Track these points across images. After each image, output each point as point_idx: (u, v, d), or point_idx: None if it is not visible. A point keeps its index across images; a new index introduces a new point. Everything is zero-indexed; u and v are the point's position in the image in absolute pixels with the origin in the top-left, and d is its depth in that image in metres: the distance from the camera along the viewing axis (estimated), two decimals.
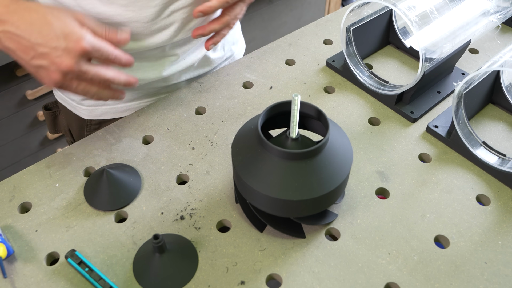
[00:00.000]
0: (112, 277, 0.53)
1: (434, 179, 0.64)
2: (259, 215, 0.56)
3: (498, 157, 0.65)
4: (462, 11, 0.71)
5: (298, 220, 0.56)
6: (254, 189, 0.52)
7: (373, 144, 0.68)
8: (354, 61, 0.78)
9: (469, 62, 0.84)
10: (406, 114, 0.72)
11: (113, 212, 0.60)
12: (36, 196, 0.62)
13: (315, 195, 0.51)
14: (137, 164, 0.65)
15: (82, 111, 0.81)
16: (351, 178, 0.64)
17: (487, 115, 0.73)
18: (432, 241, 0.57)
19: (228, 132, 0.70)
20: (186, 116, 0.73)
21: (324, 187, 0.51)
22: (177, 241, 0.56)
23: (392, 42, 0.86)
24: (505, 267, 0.55)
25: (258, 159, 0.52)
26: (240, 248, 0.56)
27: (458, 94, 0.65)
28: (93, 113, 0.81)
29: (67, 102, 0.83)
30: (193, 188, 0.63)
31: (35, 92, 1.44)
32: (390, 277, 0.54)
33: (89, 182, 0.62)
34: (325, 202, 0.54)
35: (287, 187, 0.51)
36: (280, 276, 0.54)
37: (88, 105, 0.80)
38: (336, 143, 0.54)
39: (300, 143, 0.54)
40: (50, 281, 0.53)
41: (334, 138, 0.54)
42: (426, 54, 0.67)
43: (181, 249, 0.55)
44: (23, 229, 0.58)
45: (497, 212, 0.60)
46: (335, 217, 0.59)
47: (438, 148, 0.68)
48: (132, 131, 0.70)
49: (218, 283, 0.53)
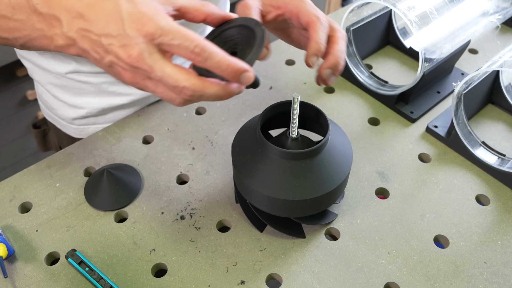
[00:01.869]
0: (113, 276, 0.54)
1: (433, 179, 0.64)
2: (259, 215, 0.57)
3: (497, 157, 0.65)
4: (461, 11, 0.71)
5: (298, 220, 0.56)
6: (254, 189, 0.52)
7: (373, 144, 0.69)
8: (354, 61, 0.78)
9: (468, 62, 0.84)
10: (405, 114, 0.72)
11: (113, 212, 0.60)
12: (37, 196, 0.62)
13: (315, 195, 0.51)
14: (137, 164, 0.66)
15: (72, 129, 0.79)
16: (351, 178, 0.64)
17: (486, 115, 0.74)
18: (431, 241, 0.57)
19: (228, 132, 0.70)
20: (186, 116, 0.73)
21: (324, 187, 0.51)
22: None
23: (392, 42, 0.86)
24: (504, 267, 0.55)
25: (258, 159, 0.52)
26: (240, 248, 0.56)
27: (458, 94, 0.65)
28: (83, 132, 0.78)
29: (56, 121, 0.81)
30: (193, 188, 0.63)
31: (36, 92, 1.44)
32: (390, 276, 0.54)
33: (89, 182, 0.62)
34: (325, 202, 0.54)
35: (287, 187, 0.51)
36: (280, 276, 0.54)
37: (79, 124, 0.77)
38: (336, 143, 0.54)
39: (300, 143, 0.54)
40: (50, 281, 0.53)
41: (334, 138, 0.54)
42: (426, 54, 0.67)
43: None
44: (23, 229, 0.58)
45: (497, 212, 0.60)
46: (335, 217, 0.59)
47: (438, 148, 0.68)
48: (132, 131, 0.70)
49: (218, 283, 0.53)
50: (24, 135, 1.52)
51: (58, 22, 0.44)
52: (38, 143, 0.91)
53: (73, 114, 0.76)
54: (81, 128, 0.78)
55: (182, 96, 0.42)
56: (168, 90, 0.43)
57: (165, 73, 0.41)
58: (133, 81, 0.43)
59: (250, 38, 0.46)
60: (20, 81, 1.40)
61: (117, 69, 0.43)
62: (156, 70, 0.41)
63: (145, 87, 0.44)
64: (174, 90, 0.42)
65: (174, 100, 0.43)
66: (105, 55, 0.43)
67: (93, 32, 0.42)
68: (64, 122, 0.79)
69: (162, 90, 0.43)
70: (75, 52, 0.45)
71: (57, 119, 0.80)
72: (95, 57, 0.44)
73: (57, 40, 0.45)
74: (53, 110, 0.79)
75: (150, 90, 0.44)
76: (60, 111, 0.77)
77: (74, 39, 0.44)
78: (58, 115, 0.79)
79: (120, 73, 0.43)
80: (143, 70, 0.41)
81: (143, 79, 0.43)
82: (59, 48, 0.45)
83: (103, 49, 0.42)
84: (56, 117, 0.80)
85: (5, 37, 0.48)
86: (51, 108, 0.79)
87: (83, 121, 0.77)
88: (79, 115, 0.75)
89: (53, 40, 0.45)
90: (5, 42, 0.49)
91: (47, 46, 0.46)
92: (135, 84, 0.44)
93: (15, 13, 0.45)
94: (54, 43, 0.45)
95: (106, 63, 0.43)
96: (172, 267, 0.54)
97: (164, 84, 0.42)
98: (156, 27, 0.40)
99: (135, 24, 0.41)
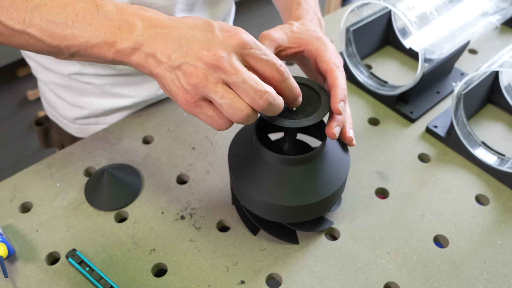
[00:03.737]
0: (113, 276, 0.54)
1: (433, 179, 0.64)
2: (253, 219, 0.56)
3: (497, 157, 0.65)
4: (461, 11, 0.71)
5: (291, 226, 0.55)
6: (247, 192, 0.51)
7: (372, 144, 0.69)
8: (354, 62, 0.78)
9: (468, 62, 0.84)
10: (405, 114, 0.73)
11: (113, 212, 0.60)
12: (37, 196, 0.62)
13: (308, 202, 0.50)
14: (138, 164, 0.66)
15: (74, 129, 0.79)
16: (351, 177, 0.64)
17: (486, 115, 0.74)
18: (431, 240, 0.57)
19: (229, 132, 0.70)
20: (187, 116, 0.73)
21: (318, 194, 0.51)
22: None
23: (392, 42, 0.86)
24: (504, 266, 0.55)
25: (253, 162, 0.52)
26: (240, 248, 0.56)
27: (457, 94, 0.65)
28: (85, 131, 0.79)
29: (58, 119, 0.81)
30: (194, 188, 0.63)
31: (36, 92, 1.44)
32: (389, 276, 0.54)
33: (89, 182, 0.62)
34: (319, 209, 0.53)
35: (280, 192, 0.50)
36: (280, 276, 0.54)
37: (80, 124, 0.78)
38: (334, 149, 0.53)
39: (297, 148, 0.54)
40: (51, 281, 0.53)
41: (332, 145, 0.54)
42: (426, 55, 0.67)
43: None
44: (24, 228, 0.58)
45: (496, 211, 0.60)
46: (330, 224, 0.58)
47: (438, 148, 0.68)
48: (132, 131, 0.71)
49: (218, 283, 0.53)
50: (24, 135, 1.52)
51: (131, 27, 0.44)
52: (40, 140, 0.91)
53: (75, 114, 0.76)
54: (83, 128, 0.79)
55: (262, 102, 0.42)
56: (244, 96, 0.42)
57: (251, 76, 0.42)
58: (200, 83, 0.41)
59: (311, 97, 0.50)
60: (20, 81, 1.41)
61: (186, 71, 0.42)
62: (242, 72, 0.41)
63: (211, 92, 0.42)
64: (256, 93, 0.42)
65: (239, 111, 0.42)
66: (181, 56, 0.42)
67: (171, 35, 0.43)
68: (66, 121, 0.79)
69: (232, 97, 0.42)
70: (133, 60, 0.44)
71: (59, 118, 0.81)
72: (161, 57, 0.43)
73: (121, 44, 0.44)
74: (55, 109, 0.79)
75: (218, 95, 0.42)
76: (62, 110, 0.78)
77: (142, 43, 0.43)
78: (60, 114, 0.79)
79: (188, 74, 0.42)
80: (224, 72, 0.41)
81: (216, 82, 0.42)
82: (118, 54, 0.44)
83: (181, 50, 0.42)
84: (58, 116, 0.81)
85: (56, 45, 0.46)
86: (54, 106, 0.79)
87: (85, 121, 0.77)
88: (81, 115, 0.75)
89: (114, 45, 0.44)
90: (52, 51, 0.48)
91: (103, 55, 0.45)
92: (201, 88, 0.42)
93: (77, 20, 0.45)
94: (116, 48, 0.44)
95: (176, 64, 0.42)
96: (172, 267, 0.55)
97: (247, 87, 0.41)
98: (251, 38, 0.43)
99: (226, 33, 0.43)
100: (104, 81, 0.70)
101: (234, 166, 0.53)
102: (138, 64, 0.44)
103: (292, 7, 0.62)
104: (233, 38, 0.42)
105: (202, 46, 0.42)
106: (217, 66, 0.41)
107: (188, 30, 0.43)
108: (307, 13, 0.60)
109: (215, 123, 0.44)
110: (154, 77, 0.45)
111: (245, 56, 0.43)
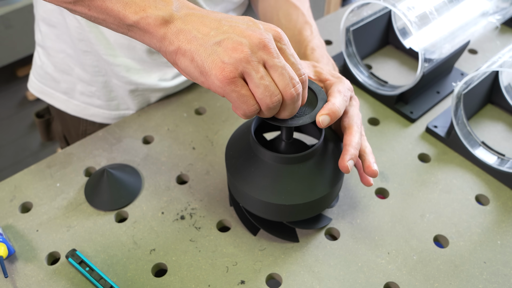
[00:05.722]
0: (113, 276, 0.54)
1: (433, 179, 0.64)
2: (252, 219, 0.56)
3: (497, 157, 0.65)
4: (461, 11, 0.71)
5: (291, 224, 0.55)
6: (246, 192, 0.51)
7: (372, 144, 0.69)
8: (354, 62, 0.78)
9: (468, 62, 0.84)
10: (405, 114, 0.73)
11: (113, 212, 0.60)
12: (37, 196, 0.62)
13: (307, 200, 0.50)
14: (138, 164, 0.66)
15: (73, 106, 0.77)
16: (351, 177, 0.64)
17: (486, 115, 0.74)
18: (431, 240, 0.57)
19: (228, 132, 0.70)
20: (187, 116, 0.73)
21: (316, 192, 0.51)
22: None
23: (392, 42, 0.86)
24: (504, 266, 0.55)
25: (251, 162, 0.52)
26: (240, 248, 0.56)
27: (457, 94, 0.65)
28: (83, 111, 0.76)
29: (53, 96, 0.77)
30: (194, 188, 0.63)
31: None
32: (389, 276, 0.54)
33: (89, 182, 0.62)
34: (318, 206, 0.53)
35: (279, 191, 0.50)
36: (280, 276, 0.54)
37: (81, 101, 0.75)
38: (331, 147, 0.53)
39: (294, 147, 0.54)
40: (51, 281, 0.53)
41: (329, 142, 0.54)
42: (426, 55, 0.67)
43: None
44: (24, 229, 0.58)
45: (496, 211, 0.60)
46: (329, 221, 0.58)
47: (438, 148, 0.68)
48: (132, 131, 0.71)
49: (218, 283, 0.53)
50: (24, 135, 1.52)
51: (167, 1, 0.44)
52: (41, 133, 0.89)
53: (80, 88, 0.74)
54: (83, 106, 0.76)
55: (294, 91, 0.43)
56: (279, 81, 0.43)
57: (292, 60, 0.44)
58: (244, 58, 0.41)
59: (308, 96, 0.51)
60: (20, 81, 1.41)
61: (228, 45, 0.41)
62: (283, 58, 0.43)
63: (253, 69, 0.42)
64: (291, 81, 0.43)
65: (273, 95, 0.43)
66: (222, 32, 0.42)
67: (208, 17, 0.43)
68: (65, 97, 0.76)
69: (270, 80, 0.42)
70: (160, 33, 0.43)
71: (55, 95, 0.77)
72: (201, 30, 0.42)
73: (153, 11, 0.43)
74: (55, 83, 0.76)
75: (258, 74, 0.42)
76: (64, 84, 0.75)
77: (176, 18, 0.43)
78: (60, 89, 0.76)
79: (232, 48, 0.41)
80: (268, 53, 0.42)
81: (258, 61, 0.42)
82: (143, 21, 0.43)
83: (222, 29, 0.42)
84: (54, 92, 0.77)
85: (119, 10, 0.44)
86: (53, 80, 0.75)
87: (88, 100, 0.75)
88: (86, 90, 0.74)
89: (145, 9, 0.43)
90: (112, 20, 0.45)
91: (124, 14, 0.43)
92: (244, 63, 0.41)
93: None
94: (146, 12, 0.43)
95: (216, 40, 0.42)
96: (172, 267, 0.55)
97: (285, 72, 0.42)
98: (285, 36, 0.45)
99: (265, 25, 0.44)
100: None
101: (232, 168, 0.53)
102: (164, 38, 0.43)
103: (306, 52, 0.62)
104: (272, 30, 0.44)
105: (246, 27, 0.43)
106: (263, 45, 0.42)
107: (227, 16, 0.44)
108: (321, 58, 0.62)
109: (245, 103, 0.43)
110: (181, 53, 0.43)
111: (278, 49, 0.44)
